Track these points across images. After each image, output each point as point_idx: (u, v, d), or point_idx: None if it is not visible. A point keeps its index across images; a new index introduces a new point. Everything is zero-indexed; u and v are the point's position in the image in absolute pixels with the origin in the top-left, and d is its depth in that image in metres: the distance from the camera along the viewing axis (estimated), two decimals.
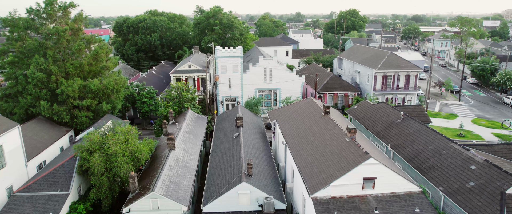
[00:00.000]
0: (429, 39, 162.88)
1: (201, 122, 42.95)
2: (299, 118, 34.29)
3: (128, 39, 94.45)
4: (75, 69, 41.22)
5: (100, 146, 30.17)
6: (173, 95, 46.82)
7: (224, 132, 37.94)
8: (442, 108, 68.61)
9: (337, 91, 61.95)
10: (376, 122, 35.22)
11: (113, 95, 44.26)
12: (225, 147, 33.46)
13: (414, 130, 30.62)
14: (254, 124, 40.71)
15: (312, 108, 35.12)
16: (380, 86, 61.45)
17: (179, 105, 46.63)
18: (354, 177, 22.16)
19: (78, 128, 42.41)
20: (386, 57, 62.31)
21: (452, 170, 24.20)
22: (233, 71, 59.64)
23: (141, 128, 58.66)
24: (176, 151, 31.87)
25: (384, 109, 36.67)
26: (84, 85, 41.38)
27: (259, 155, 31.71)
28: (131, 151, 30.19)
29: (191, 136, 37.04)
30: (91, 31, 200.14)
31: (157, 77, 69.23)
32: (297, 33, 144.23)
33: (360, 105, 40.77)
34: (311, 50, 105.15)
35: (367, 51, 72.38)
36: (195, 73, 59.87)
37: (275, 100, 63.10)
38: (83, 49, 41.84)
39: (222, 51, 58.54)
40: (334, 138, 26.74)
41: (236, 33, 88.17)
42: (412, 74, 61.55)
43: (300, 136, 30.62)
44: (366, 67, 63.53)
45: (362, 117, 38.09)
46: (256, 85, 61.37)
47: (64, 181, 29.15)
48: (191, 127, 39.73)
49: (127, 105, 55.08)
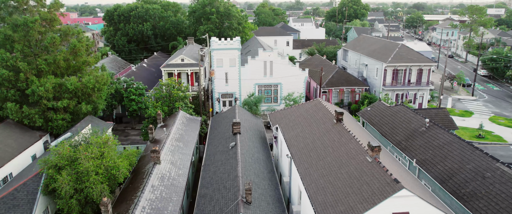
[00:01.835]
0: (433, 28, 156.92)
1: (194, 125, 38.06)
2: (306, 125, 29.40)
3: (119, 28, 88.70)
4: (49, 65, 36.09)
5: (71, 161, 25.35)
6: (163, 94, 41.79)
7: (218, 139, 33.09)
8: (455, 104, 63.77)
9: (343, 86, 56.94)
10: (396, 129, 30.25)
11: (95, 94, 39.23)
12: (220, 159, 28.66)
13: (443, 142, 25.65)
14: (253, 128, 35.85)
15: (321, 112, 30.20)
16: (390, 81, 56.46)
17: (169, 105, 41.66)
18: (381, 213, 17.43)
19: (54, 132, 37.50)
20: (397, 50, 57.14)
21: (504, 202, 19.34)
22: (230, 64, 54.48)
23: (130, 127, 53.80)
24: (162, 165, 27.05)
25: (404, 113, 31.64)
26: (59, 84, 36.33)
27: (259, 171, 26.94)
28: (107, 167, 25.35)
29: (180, 144, 32.19)
30: (85, 19, 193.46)
31: (148, 70, 63.89)
32: (298, 22, 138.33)
33: (374, 107, 35.68)
34: (313, 40, 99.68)
35: (375, 42, 67.11)
36: (188, 67, 54.67)
37: (276, 96, 58.09)
38: (58, 42, 36.60)
39: (218, 43, 53.28)
40: (352, 155, 21.91)
41: (233, 22, 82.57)
42: (425, 68, 56.48)
43: (308, 148, 25.80)
44: (375, 60, 58.41)
45: (377, 122, 33.08)
46: (255, 80, 56.31)
47: (26, 204, 24.36)
48: (182, 132, 34.85)
49: (113, 103, 50.06)
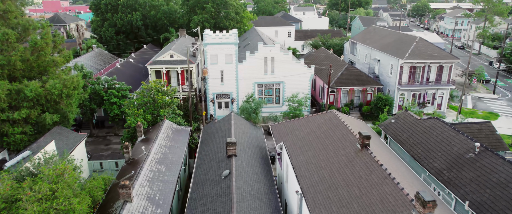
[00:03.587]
0: (441, 17, 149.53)
1: (181, 139, 31.74)
2: (319, 147, 23.12)
3: (106, 18, 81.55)
4: (1, 68, 29.56)
5: (10, 202, 19.12)
6: (145, 99, 35.35)
7: (209, 161, 26.82)
8: (476, 104, 57.50)
9: (354, 85, 50.47)
10: (432, 153, 23.98)
11: (63, 101, 32.79)
12: (209, 193, 22.45)
13: (507, 179, 19.45)
14: (252, 145, 29.55)
15: (338, 131, 23.86)
16: (407, 80, 50.03)
17: (154, 112, 35.29)
18: None
19: (12, 148, 31.19)
20: (415, 44, 50.54)
21: None
22: (226, 61, 47.91)
23: (112, 133, 47.48)
24: (134, 204, 20.86)
25: (441, 131, 25.28)
26: (17, 90, 29.89)
27: (260, 211, 20.74)
28: (59, 212, 19.13)
29: (163, 168, 25.95)
30: (78, 8, 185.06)
31: (134, 67, 57.18)
32: (299, 11, 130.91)
33: (399, 119, 29.27)
34: (316, 31, 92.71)
35: (387, 34, 60.40)
36: (178, 65, 48.10)
37: (277, 96, 51.70)
38: (13, 39, 29.97)
39: (212, 37, 46.59)
40: (390, 208, 15.68)
41: (231, 11, 75.49)
42: (446, 65, 49.99)
43: (324, 184, 19.59)
44: (389, 56, 51.85)
45: (406, 139, 26.73)
46: (254, 78, 49.84)
47: None
48: (165, 150, 28.56)
49: (92, 106, 43.63)
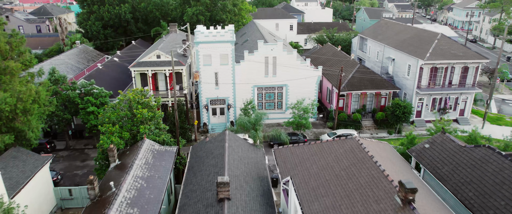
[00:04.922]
0: (449, 7, 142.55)
1: (164, 165, 25.85)
2: (341, 193, 17.25)
3: (92, 11, 75.04)
4: None
5: None
6: (122, 114, 29.32)
7: (195, 203, 20.97)
8: (501, 108, 51.58)
9: (367, 89, 44.37)
10: (488, 199, 18.10)
11: (20, 118, 26.84)
12: None
13: None
14: (250, 176, 23.66)
15: (365, 170, 17.94)
16: (427, 83, 43.99)
17: (132, 129, 29.32)
18: None
19: None
20: (436, 42, 44.34)
21: None
22: (221, 62, 41.80)
23: (91, 146, 41.56)
24: None
25: (498, 166, 19.19)
26: None
27: None
28: None
29: (136, 212, 20.09)
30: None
31: (120, 67, 50.86)
32: (301, 1, 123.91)
33: (435, 143, 23.24)
34: (320, 24, 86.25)
35: (402, 29, 54.10)
36: (166, 66, 41.88)
37: (280, 100, 45.72)
38: None
39: (204, 34, 40.43)
40: None
41: (228, 3, 69.02)
42: (472, 66, 43.90)
43: None
44: (407, 55, 45.70)
45: (448, 175, 20.68)
46: (253, 81, 43.80)
47: None
48: (142, 183, 22.69)
49: (66, 116, 37.66)
